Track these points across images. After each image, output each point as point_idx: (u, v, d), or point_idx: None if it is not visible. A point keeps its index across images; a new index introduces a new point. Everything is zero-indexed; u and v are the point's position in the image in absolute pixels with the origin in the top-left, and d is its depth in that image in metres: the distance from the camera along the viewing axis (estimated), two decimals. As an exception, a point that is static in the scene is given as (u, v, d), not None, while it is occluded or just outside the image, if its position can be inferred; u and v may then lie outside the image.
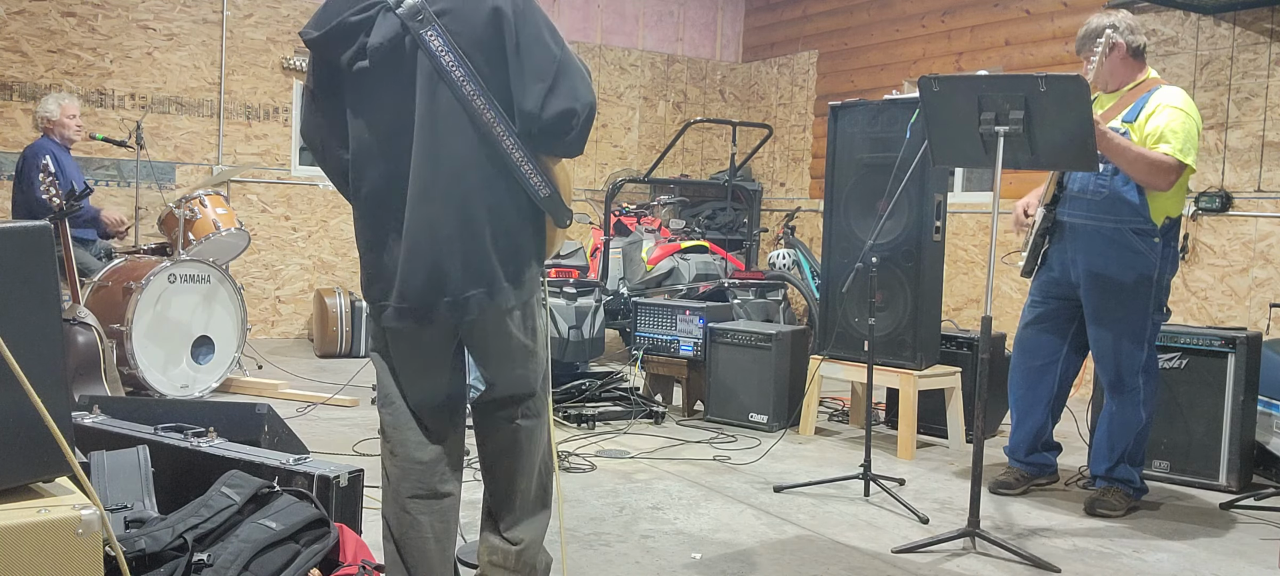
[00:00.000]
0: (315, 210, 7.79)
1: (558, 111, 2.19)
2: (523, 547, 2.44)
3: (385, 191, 2.25)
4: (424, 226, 2.20)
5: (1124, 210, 3.65)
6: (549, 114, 2.19)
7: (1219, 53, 5.98)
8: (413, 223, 2.21)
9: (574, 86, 2.21)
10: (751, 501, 3.78)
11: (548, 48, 2.21)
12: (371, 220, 2.28)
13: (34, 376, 1.54)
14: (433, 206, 2.20)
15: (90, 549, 1.56)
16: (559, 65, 2.20)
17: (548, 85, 2.19)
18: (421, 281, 2.22)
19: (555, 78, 2.19)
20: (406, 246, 2.22)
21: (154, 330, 5.10)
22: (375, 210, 2.27)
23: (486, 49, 2.20)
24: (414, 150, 2.21)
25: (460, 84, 2.18)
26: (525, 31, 2.19)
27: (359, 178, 2.28)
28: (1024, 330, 4.01)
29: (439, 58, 2.18)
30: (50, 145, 5.67)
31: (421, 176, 2.20)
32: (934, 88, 3.45)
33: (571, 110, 2.20)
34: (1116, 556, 3.32)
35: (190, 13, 7.24)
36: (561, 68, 2.21)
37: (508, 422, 2.43)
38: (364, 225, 2.30)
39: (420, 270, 2.21)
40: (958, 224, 7.40)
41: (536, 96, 2.19)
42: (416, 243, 2.21)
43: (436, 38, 2.17)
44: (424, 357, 2.35)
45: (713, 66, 9.64)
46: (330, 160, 2.35)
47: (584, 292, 5.40)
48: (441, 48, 2.18)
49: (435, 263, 2.21)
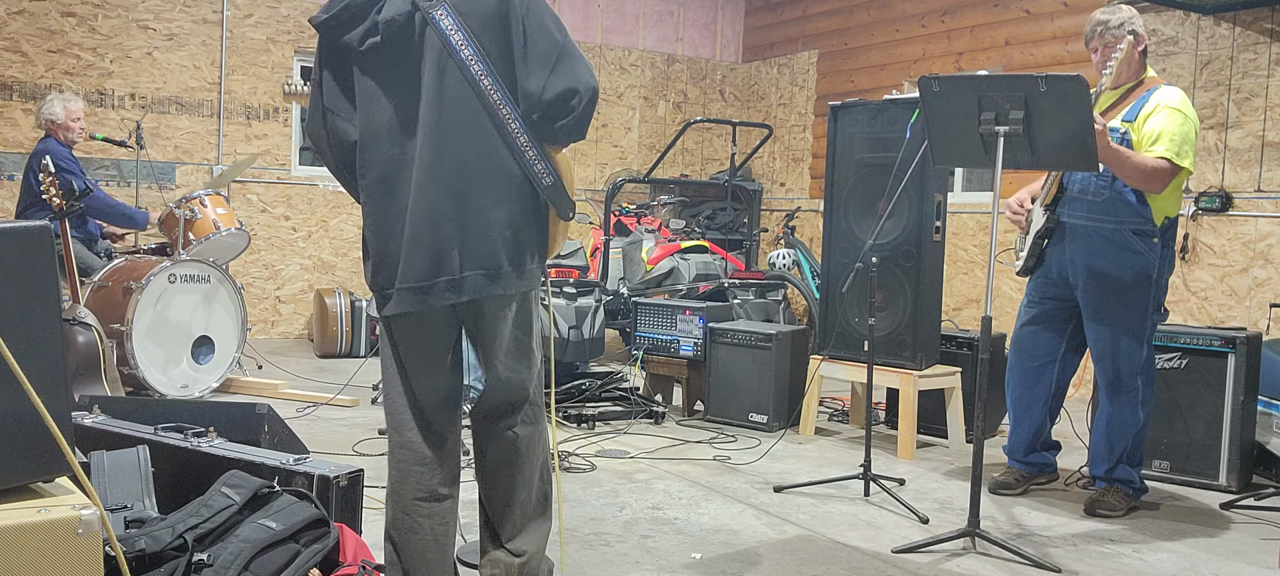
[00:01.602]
0: (315, 210, 7.79)
1: (559, 91, 2.21)
2: (526, 559, 2.44)
3: (392, 174, 2.25)
4: (428, 208, 2.21)
5: (1124, 211, 3.65)
6: (551, 94, 2.21)
7: (1219, 53, 5.98)
8: (417, 203, 2.21)
9: (575, 69, 2.24)
10: (751, 501, 3.78)
11: (551, 34, 2.24)
12: (378, 205, 2.28)
13: (34, 376, 1.54)
14: (438, 188, 2.21)
15: (90, 549, 1.56)
16: (561, 49, 2.24)
17: (550, 68, 2.21)
18: (423, 262, 2.22)
19: (557, 60, 2.22)
20: (410, 227, 2.22)
21: (154, 330, 5.10)
22: (382, 192, 2.27)
23: (494, 31, 2.22)
24: (420, 130, 2.22)
25: (469, 64, 2.20)
26: (531, 18, 2.23)
27: (366, 161, 2.28)
28: (1021, 330, 4.01)
29: (449, 37, 2.20)
30: (53, 145, 5.68)
31: (428, 156, 2.21)
32: (934, 88, 3.45)
33: (573, 89, 2.22)
34: (1116, 556, 3.32)
35: (190, 13, 7.24)
36: (563, 52, 2.24)
37: (506, 431, 2.43)
38: (371, 210, 2.30)
39: (422, 250, 2.22)
40: (958, 224, 7.40)
41: (540, 78, 2.21)
42: (419, 223, 2.22)
43: (446, 17, 2.20)
44: (427, 348, 2.35)
45: (713, 66, 9.64)
46: (337, 151, 2.34)
47: (584, 292, 5.40)
48: (451, 27, 2.20)
49: (438, 243, 2.22)
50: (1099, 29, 3.71)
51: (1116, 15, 3.69)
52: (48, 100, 5.81)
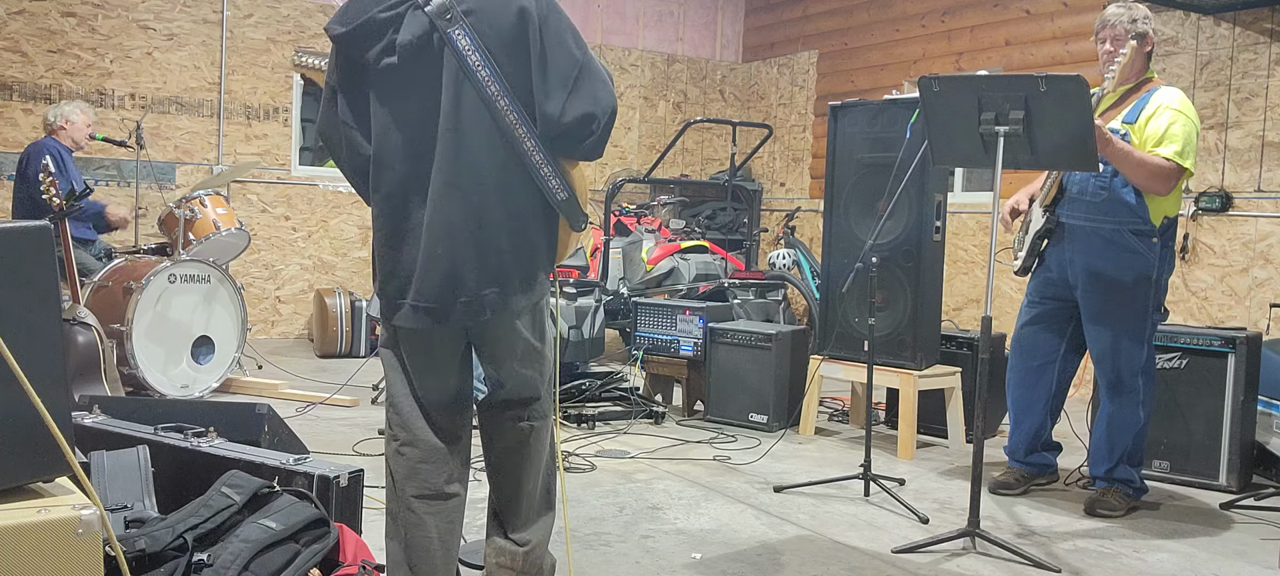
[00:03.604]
0: (315, 210, 7.79)
1: (578, 115, 2.21)
2: (530, 549, 2.45)
3: (406, 190, 2.25)
4: (443, 226, 2.21)
5: (1123, 211, 3.65)
6: (569, 117, 2.21)
7: (1219, 53, 5.98)
8: (432, 221, 2.21)
9: (595, 90, 2.22)
10: (751, 501, 3.78)
11: (570, 52, 2.22)
12: (390, 218, 2.28)
13: (34, 376, 1.54)
14: (453, 206, 2.21)
15: (90, 549, 1.56)
16: (581, 68, 2.22)
17: (569, 89, 2.20)
18: (438, 281, 2.22)
19: (576, 81, 2.21)
20: (425, 245, 2.22)
21: (154, 330, 5.10)
22: (395, 208, 2.27)
23: (512, 50, 2.21)
24: (437, 149, 2.21)
25: (485, 84, 2.19)
26: (549, 34, 2.21)
27: (380, 175, 2.28)
28: (1022, 330, 4.01)
29: (466, 57, 2.19)
30: (53, 145, 5.68)
31: (443, 175, 2.21)
32: (934, 88, 3.45)
33: (591, 114, 2.21)
34: (1116, 556, 3.32)
35: (190, 13, 7.24)
36: (583, 71, 2.22)
37: (515, 423, 2.44)
38: (382, 222, 2.30)
39: (438, 269, 2.22)
40: (958, 224, 7.40)
41: (558, 100, 2.20)
42: (435, 242, 2.21)
43: (464, 37, 2.18)
44: (435, 357, 2.35)
45: (713, 66, 9.63)
46: (350, 158, 2.34)
47: (584, 293, 5.40)
48: (468, 47, 2.19)
49: (453, 262, 2.22)
50: (1110, 21, 3.69)
51: (1130, 12, 3.68)
52: (69, 104, 5.84)
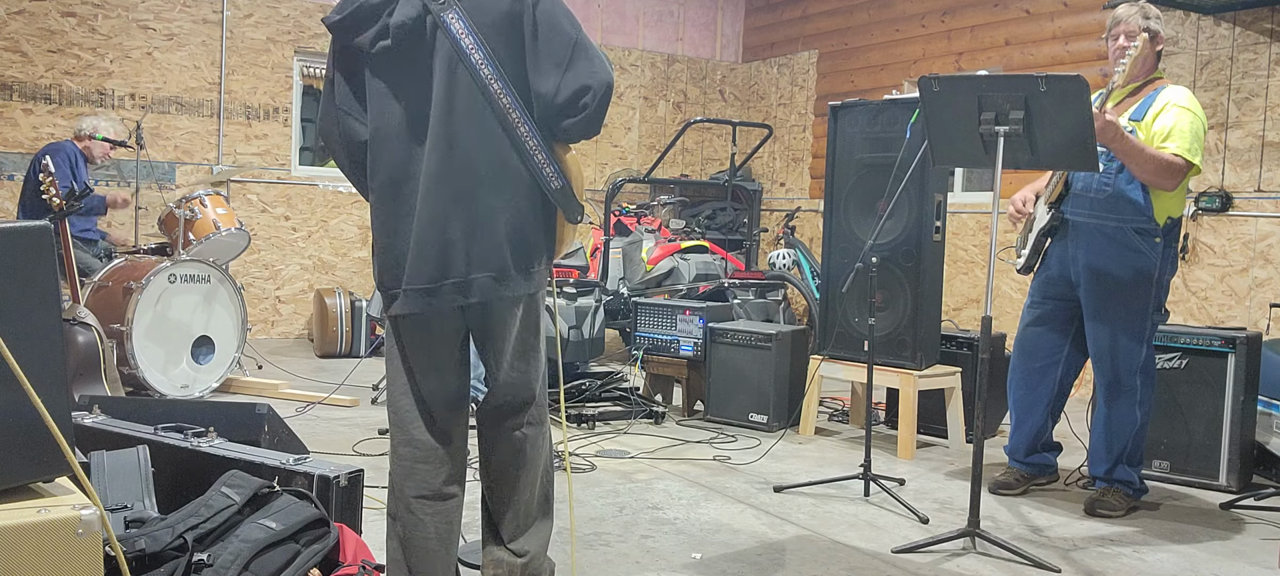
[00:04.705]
0: (315, 210, 7.79)
1: (573, 89, 2.20)
2: (528, 559, 2.44)
3: (401, 176, 2.25)
4: (437, 210, 2.21)
5: (1127, 209, 3.64)
6: (563, 95, 2.20)
7: (1219, 53, 5.98)
8: (425, 206, 2.21)
9: (590, 65, 2.21)
10: (751, 501, 3.78)
11: (564, 31, 2.22)
12: (387, 207, 2.28)
13: (34, 376, 1.54)
14: (446, 190, 2.21)
15: (90, 549, 1.56)
16: (575, 45, 2.22)
17: (564, 67, 2.20)
18: (430, 264, 2.22)
19: (571, 59, 2.20)
20: (418, 229, 2.22)
21: (154, 330, 5.10)
22: (391, 195, 2.27)
23: (505, 33, 2.21)
24: (430, 133, 2.21)
25: (479, 67, 2.19)
26: (542, 15, 2.21)
27: (376, 162, 2.28)
28: (1025, 331, 4.00)
29: (459, 40, 2.19)
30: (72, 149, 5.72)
31: (436, 160, 2.21)
32: (934, 88, 3.45)
33: (586, 86, 2.20)
34: (1116, 556, 3.32)
35: (190, 13, 7.24)
36: (577, 48, 2.22)
37: (513, 432, 2.43)
38: (379, 212, 2.30)
39: (430, 252, 2.22)
40: (958, 224, 7.40)
41: (552, 79, 2.20)
42: (427, 225, 2.21)
43: (457, 20, 2.19)
44: (434, 351, 2.35)
45: (713, 66, 9.63)
46: (348, 149, 2.34)
47: (584, 293, 5.40)
48: (462, 30, 2.19)
49: (445, 246, 2.21)
50: (1123, 17, 3.68)
51: (1142, 10, 3.67)
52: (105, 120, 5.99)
